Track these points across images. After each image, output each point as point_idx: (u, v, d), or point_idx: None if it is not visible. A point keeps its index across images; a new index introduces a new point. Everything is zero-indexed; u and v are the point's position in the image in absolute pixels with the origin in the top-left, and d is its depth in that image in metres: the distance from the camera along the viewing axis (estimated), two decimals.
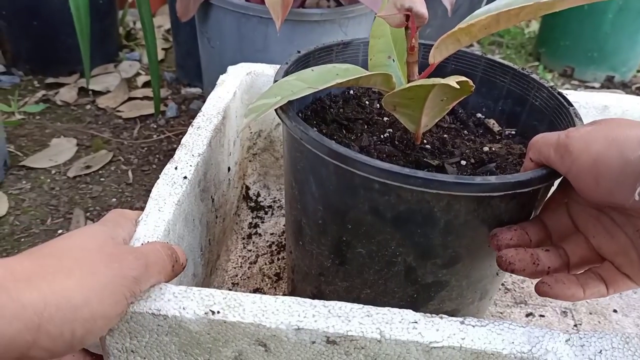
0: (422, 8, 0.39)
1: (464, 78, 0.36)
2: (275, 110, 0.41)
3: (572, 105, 0.45)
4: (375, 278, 0.43)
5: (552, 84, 0.49)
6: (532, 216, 0.42)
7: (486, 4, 1.15)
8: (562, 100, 0.46)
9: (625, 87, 1.51)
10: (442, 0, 0.78)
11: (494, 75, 0.53)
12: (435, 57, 0.40)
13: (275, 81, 0.43)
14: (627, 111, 0.63)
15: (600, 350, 0.33)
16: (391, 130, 0.48)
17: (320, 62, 0.51)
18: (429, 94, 0.38)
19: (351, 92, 0.55)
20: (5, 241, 0.85)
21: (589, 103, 0.63)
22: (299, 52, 0.50)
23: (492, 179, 0.35)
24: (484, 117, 0.54)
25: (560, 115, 0.46)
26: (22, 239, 0.86)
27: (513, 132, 0.51)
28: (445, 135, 0.48)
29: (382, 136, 0.47)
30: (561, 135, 0.34)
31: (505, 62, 0.52)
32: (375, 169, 0.36)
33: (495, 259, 0.39)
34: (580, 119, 0.44)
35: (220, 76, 0.62)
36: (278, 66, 0.64)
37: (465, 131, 0.51)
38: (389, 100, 0.40)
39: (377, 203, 0.38)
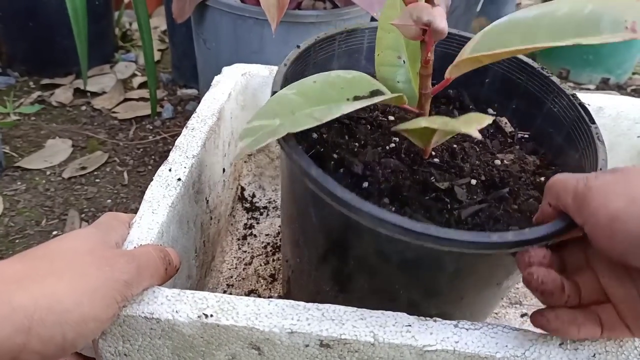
0: (442, 23, 0.34)
1: (485, 120, 0.32)
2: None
3: (594, 123, 0.42)
4: (377, 308, 0.41)
5: (573, 92, 0.45)
6: None
7: (482, 6, 1.16)
8: (584, 114, 0.43)
9: (620, 89, 1.52)
10: (436, 2, 0.78)
11: (509, 71, 0.49)
12: (452, 74, 0.38)
13: (273, 91, 0.40)
14: (622, 112, 0.63)
15: (594, 354, 0.33)
16: (397, 139, 0.44)
17: (322, 55, 0.48)
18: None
19: None
20: (0, 242, 0.85)
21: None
22: (298, 46, 0.46)
23: (510, 237, 0.33)
24: (495, 114, 0.50)
25: (580, 132, 0.43)
26: (17, 240, 0.86)
27: (526, 136, 0.48)
28: (455, 145, 0.45)
29: (387, 147, 0.43)
30: (580, 183, 0.32)
31: (524, 59, 0.48)
32: (383, 222, 0.32)
33: (501, 289, 0.38)
34: (602, 142, 0.41)
35: (215, 77, 0.61)
36: (273, 67, 0.63)
37: None
38: (399, 129, 0.37)
39: (383, 247, 0.36)
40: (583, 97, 0.64)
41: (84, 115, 1.18)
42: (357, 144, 0.43)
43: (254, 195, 0.72)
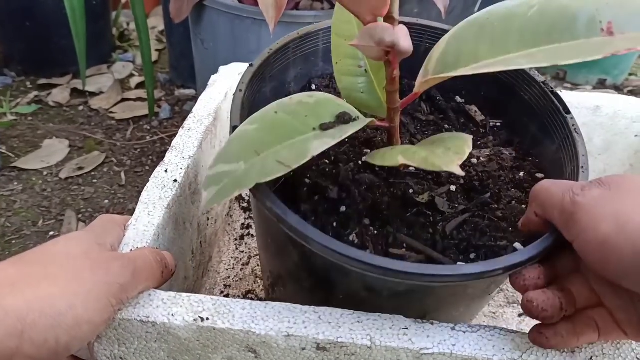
0: (405, 44, 0.31)
1: (465, 148, 0.30)
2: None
3: (569, 113, 0.41)
4: None
5: (543, 79, 0.44)
6: None
7: (480, 6, 1.16)
8: (558, 104, 0.41)
9: (617, 90, 1.51)
10: (435, 3, 0.78)
11: None
12: (421, 88, 0.35)
13: (232, 126, 0.37)
14: (620, 111, 0.63)
15: (591, 357, 0.33)
16: (369, 150, 0.42)
17: (277, 66, 0.45)
18: None
19: (313, 87, 0.49)
20: None
21: (581, 103, 0.63)
22: (251, 65, 0.42)
23: (503, 262, 0.32)
24: (464, 102, 0.48)
25: (556, 123, 0.42)
26: (14, 241, 0.85)
27: (499, 124, 0.47)
28: None
29: (359, 161, 0.41)
30: (565, 197, 0.31)
31: None
32: (373, 267, 0.31)
33: (490, 295, 0.37)
34: (580, 134, 0.39)
35: (212, 76, 0.61)
36: None
37: (446, 125, 0.46)
38: (375, 163, 0.35)
39: (373, 284, 0.35)
40: (580, 96, 0.64)
41: (81, 116, 1.18)
42: (327, 161, 0.41)
43: None
